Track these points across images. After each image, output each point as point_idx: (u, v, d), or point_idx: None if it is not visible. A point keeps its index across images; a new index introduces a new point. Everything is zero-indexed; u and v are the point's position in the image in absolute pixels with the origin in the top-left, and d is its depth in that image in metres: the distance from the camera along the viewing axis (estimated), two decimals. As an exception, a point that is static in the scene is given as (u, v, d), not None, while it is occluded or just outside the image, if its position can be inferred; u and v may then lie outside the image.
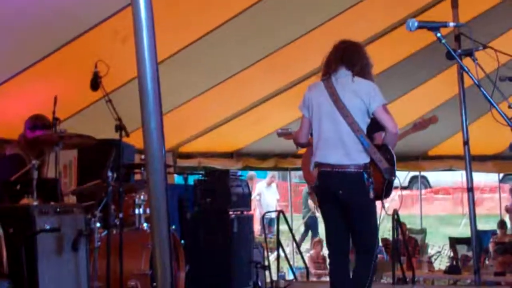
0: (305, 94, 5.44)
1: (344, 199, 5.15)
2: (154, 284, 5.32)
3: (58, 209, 5.39)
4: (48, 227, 5.17)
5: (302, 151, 6.54)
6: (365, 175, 5.11)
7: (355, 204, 5.16)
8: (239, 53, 8.64)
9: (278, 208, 13.93)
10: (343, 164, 5.11)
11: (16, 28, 6.25)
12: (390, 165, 5.23)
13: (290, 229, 10.36)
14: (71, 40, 6.80)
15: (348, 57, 5.27)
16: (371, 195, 5.12)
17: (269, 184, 17.15)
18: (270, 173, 17.07)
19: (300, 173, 18.58)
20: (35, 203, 5.32)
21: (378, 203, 5.34)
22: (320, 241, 13.15)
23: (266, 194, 16.98)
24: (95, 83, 5.84)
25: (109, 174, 5.68)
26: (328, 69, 5.33)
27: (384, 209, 5.54)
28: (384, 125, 5.19)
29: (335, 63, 5.30)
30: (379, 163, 5.17)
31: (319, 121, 5.25)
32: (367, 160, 5.15)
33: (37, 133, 6.29)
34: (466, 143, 7.26)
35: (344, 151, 5.13)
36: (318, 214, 15.69)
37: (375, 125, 5.33)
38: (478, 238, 8.50)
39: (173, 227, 6.69)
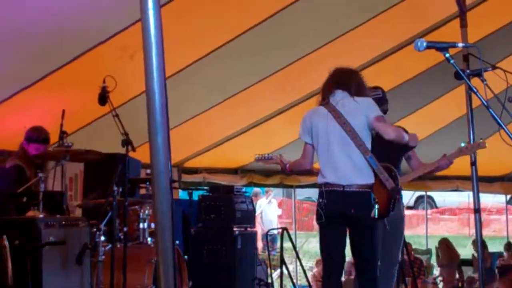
0: (304, 121, 5.51)
1: (354, 218, 5.21)
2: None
3: (63, 222, 5.40)
4: (53, 239, 5.17)
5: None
6: (372, 195, 5.19)
7: (362, 223, 5.22)
8: (246, 69, 8.66)
9: (279, 225, 13.91)
10: (353, 184, 5.18)
11: (26, 42, 6.29)
12: (395, 184, 5.34)
13: (294, 247, 10.31)
14: (80, 55, 6.84)
15: (342, 79, 5.39)
16: (373, 214, 5.19)
17: (267, 198, 17.11)
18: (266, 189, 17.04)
19: (305, 190, 18.62)
20: (41, 215, 5.33)
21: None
22: (323, 260, 13.07)
23: (268, 210, 16.95)
24: (103, 97, 5.87)
25: (115, 188, 5.69)
26: (325, 94, 5.44)
27: (387, 227, 5.60)
28: (382, 134, 5.24)
29: (330, 87, 5.42)
30: (386, 183, 5.28)
31: (328, 145, 5.30)
32: (373, 180, 5.25)
33: (31, 146, 6.30)
34: (473, 163, 7.22)
35: (355, 172, 5.20)
36: None
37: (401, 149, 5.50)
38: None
39: (177, 242, 6.69)
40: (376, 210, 5.20)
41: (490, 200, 19.10)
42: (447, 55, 3.83)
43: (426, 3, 8.50)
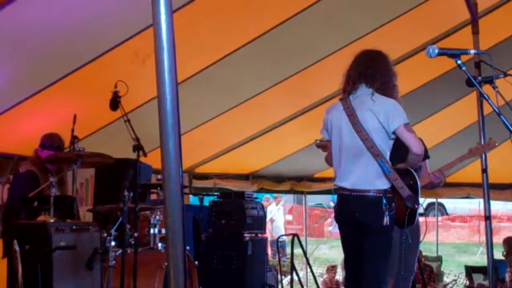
0: (324, 116, 5.22)
1: (360, 222, 4.88)
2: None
3: (74, 227, 5.41)
4: (64, 244, 5.18)
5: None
6: (384, 200, 4.83)
7: (368, 229, 4.87)
8: (257, 75, 8.66)
9: (290, 231, 13.89)
10: (361, 189, 4.87)
11: (38, 47, 6.31)
12: (413, 192, 4.96)
13: (305, 253, 10.30)
14: (91, 60, 6.85)
15: (369, 73, 4.99)
16: (385, 221, 4.81)
17: (277, 204, 17.13)
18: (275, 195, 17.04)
19: (316, 196, 18.60)
20: (52, 220, 5.34)
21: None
22: (334, 267, 13.07)
23: (278, 217, 16.96)
24: (115, 102, 5.87)
25: (126, 193, 5.69)
26: (347, 86, 5.07)
27: (409, 239, 5.28)
28: (407, 146, 4.88)
29: (353, 80, 5.02)
30: (400, 190, 4.88)
31: (339, 144, 5.01)
32: (388, 185, 4.90)
33: (44, 153, 6.32)
34: (484, 171, 7.21)
35: (364, 175, 4.88)
36: None
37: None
38: (495, 268, 8.41)
39: (188, 248, 6.69)
40: (388, 218, 4.82)
41: (501, 207, 19.02)
42: (459, 62, 3.83)
43: (438, 10, 8.48)
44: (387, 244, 4.95)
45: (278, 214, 17.03)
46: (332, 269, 13.04)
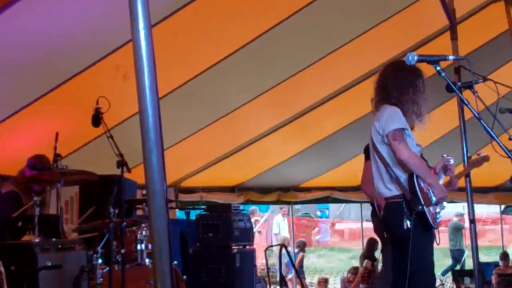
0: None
1: (385, 229, 5.13)
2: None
3: (59, 246, 5.37)
4: (49, 264, 5.14)
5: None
6: (404, 205, 4.88)
7: (391, 234, 5.08)
8: (240, 87, 8.68)
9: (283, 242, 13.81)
10: (385, 197, 5.00)
11: (18, 65, 6.30)
12: (412, 195, 4.90)
13: (293, 263, 10.31)
14: (72, 76, 6.84)
15: (388, 95, 5.07)
16: (406, 225, 4.83)
17: (283, 216, 17.06)
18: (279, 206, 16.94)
19: (303, 206, 18.59)
20: (37, 239, 5.30)
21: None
22: (326, 280, 13.06)
23: (283, 228, 16.85)
24: (97, 119, 5.85)
25: (111, 210, 5.67)
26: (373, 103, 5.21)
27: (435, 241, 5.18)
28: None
29: (376, 101, 5.17)
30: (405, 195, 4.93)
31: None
32: (399, 191, 4.95)
33: (31, 173, 6.29)
34: (467, 175, 7.25)
35: (383, 184, 5.01)
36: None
37: None
38: (481, 270, 8.44)
39: (175, 262, 6.66)
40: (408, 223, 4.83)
41: (485, 210, 19.14)
42: (438, 68, 3.86)
43: (417, 17, 8.55)
44: (409, 246, 4.92)
45: (284, 225, 16.92)
46: (323, 282, 13.00)
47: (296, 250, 14.80)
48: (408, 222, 4.85)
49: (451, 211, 22.25)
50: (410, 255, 4.84)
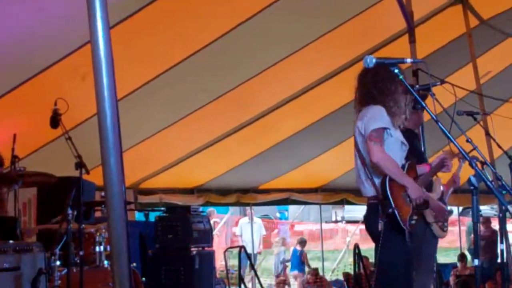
0: None
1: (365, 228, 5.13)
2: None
3: (17, 248, 5.31)
4: (7, 266, 5.08)
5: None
6: (380, 207, 4.86)
7: (370, 234, 5.04)
8: (200, 88, 8.66)
9: (235, 243, 13.81)
10: (365, 196, 5.01)
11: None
12: (383, 198, 4.90)
13: (252, 265, 10.34)
14: (30, 78, 6.77)
15: (360, 99, 5.17)
16: (380, 226, 4.84)
17: (249, 218, 16.94)
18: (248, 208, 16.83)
19: (262, 208, 18.58)
20: (-7, 242, 5.24)
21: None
22: (285, 282, 13.08)
23: (248, 230, 16.61)
24: (55, 120, 5.80)
25: (69, 211, 5.62)
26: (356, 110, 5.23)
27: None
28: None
29: (355, 104, 5.24)
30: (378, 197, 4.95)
31: None
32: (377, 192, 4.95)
33: None
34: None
35: (362, 184, 5.01)
36: None
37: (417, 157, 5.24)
38: (439, 271, 8.54)
39: (134, 264, 6.63)
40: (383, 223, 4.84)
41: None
42: (396, 70, 3.90)
43: (375, 19, 8.62)
44: (386, 247, 4.98)
45: (248, 228, 16.75)
46: (283, 284, 13.01)
47: (299, 248, 15.01)
48: (381, 224, 4.87)
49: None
50: (379, 256, 4.92)
